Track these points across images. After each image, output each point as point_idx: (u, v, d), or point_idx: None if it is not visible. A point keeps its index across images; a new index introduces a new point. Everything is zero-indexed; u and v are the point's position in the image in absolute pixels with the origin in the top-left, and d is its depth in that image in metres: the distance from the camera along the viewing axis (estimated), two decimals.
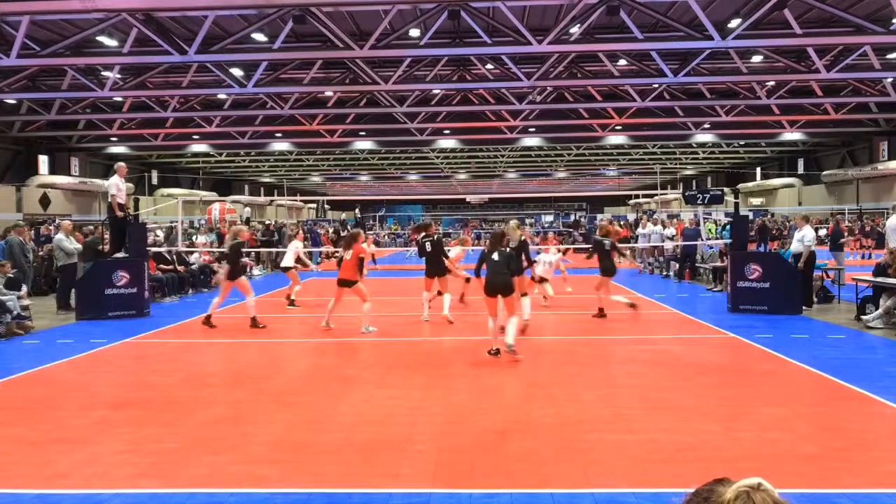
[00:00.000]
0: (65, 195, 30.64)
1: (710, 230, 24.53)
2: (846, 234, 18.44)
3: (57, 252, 13.86)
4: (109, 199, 13.07)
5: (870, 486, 4.36)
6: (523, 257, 10.30)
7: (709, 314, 11.94)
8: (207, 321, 11.16)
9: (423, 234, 12.03)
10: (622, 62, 17.93)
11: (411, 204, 66.14)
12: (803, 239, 12.67)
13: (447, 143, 29.98)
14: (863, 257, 24.32)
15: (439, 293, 11.68)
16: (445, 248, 12.29)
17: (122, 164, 13.72)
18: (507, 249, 8.87)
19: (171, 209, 29.33)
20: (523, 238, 10.93)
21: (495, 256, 8.57)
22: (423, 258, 11.78)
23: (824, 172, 36.45)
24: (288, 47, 14.59)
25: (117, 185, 13.02)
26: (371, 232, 35.79)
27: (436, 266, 11.57)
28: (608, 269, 11.68)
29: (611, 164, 44.08)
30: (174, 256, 16.28)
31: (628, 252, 24.01)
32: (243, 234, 12.22)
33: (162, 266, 15.53)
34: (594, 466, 4.77)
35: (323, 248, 25.94)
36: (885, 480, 4.47)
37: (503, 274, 8.48)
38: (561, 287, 15.09)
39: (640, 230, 22.87)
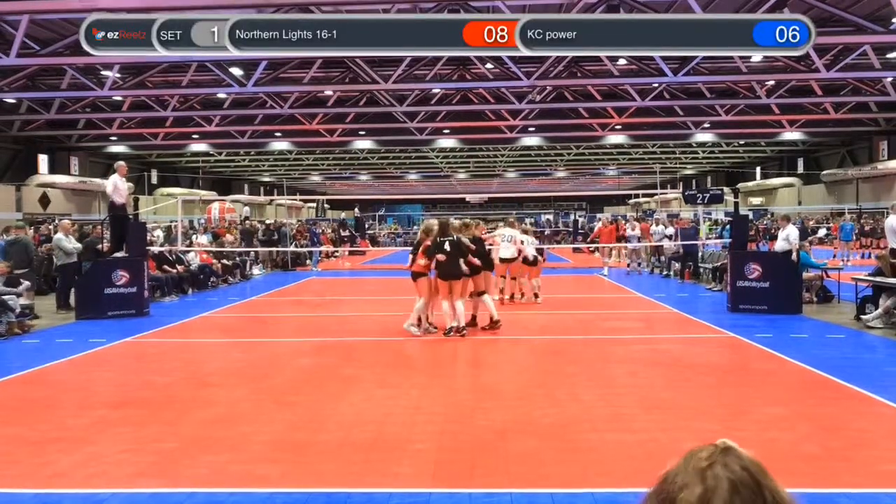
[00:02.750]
0: (64, 195, 30.64)
1: (710, 229, 24.53)
2: (810, 232, 19.20)
3: (56, 252, 13.85)
4: (115, 199, 13.06)
5: (870, 485, 4.36)
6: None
7: (709, 314, 11.93)
8: (460, 331, 9.92)
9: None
10: (622, 62, 17.93)
11: (411, 204, 66.16)
12: (788, 238, 13.21)
13: (447, 142, 29.99)
14: (862, 257, 24.34)
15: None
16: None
17: (121, 162, 13.72)
18: (454, 238, 10.00)
19: (170, 209, 29.32)
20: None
21: (447, 247, 9.79)
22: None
23: (824, 172, 36.46)
24: None
25: (115, 184, 13.02)
26: (370, 231, 35.77)
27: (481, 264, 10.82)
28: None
29: (611, 163, 44.09)
30: (174, 256, 16.26)
31: (615, 252, 24.07)
32: (471, 229, 10.75)
33: (165, 266, 15.50)
34: (594, 466, 4.77)
35: (323, 248, 25.94)
36: (886, 480, 4.47)
37: (455, 262, 9.79)
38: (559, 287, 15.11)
39: (629, 231, 22.90)
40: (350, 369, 8.05)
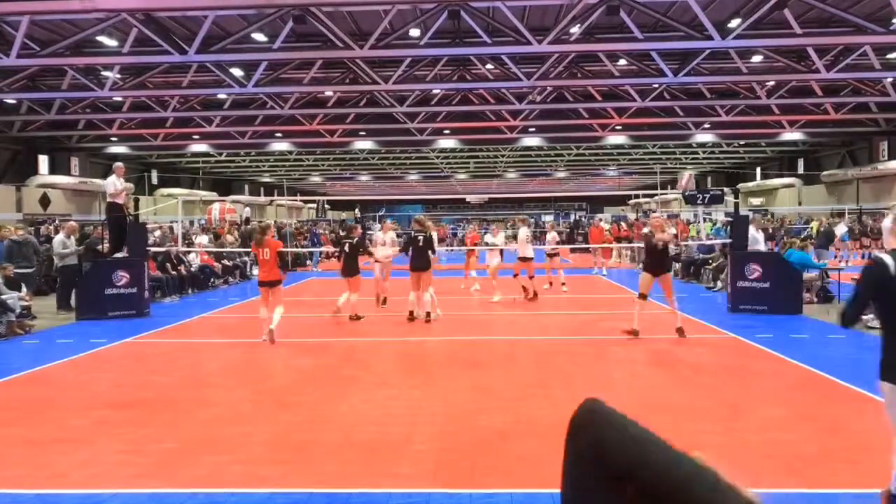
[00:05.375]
0: (65, 195, 30.61)
1: (710, 229, 24.50)
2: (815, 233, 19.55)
3: (55, 252, 13.85)
4: (108, 199, 13.09)
5: (870, 486, 4.36)
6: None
7: (709, 314, 11.93)
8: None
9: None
10: (622, 62, 17.91)
11: (411, 204, 66.13)
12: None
13: (447, 143, 29.96)
14: (862, 257, 24.34)
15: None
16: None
17: (119, 163, 13.74)
18: (427, 235, 11.48)
19: (171, 209, 29.31)
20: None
21: (420, 242, 11.22)
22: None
23: (824, 172, 36.43)
24: (288, 47, 14.57)
25: (114, 185, 13.03)
26: (370, 232, 35.68)
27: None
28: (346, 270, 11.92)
29: (611, 164, 44.06)
30: (174, 257, 16.26)
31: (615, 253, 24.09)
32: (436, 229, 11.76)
33: (166, 266, 15.49)
34: None
35: (323, 248, 25.93)
36: (886, 480, 4.46)
37: (423, 256, 11.22)
38: (557, 287, 15.22)
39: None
40: (350, 370, 8.05)
